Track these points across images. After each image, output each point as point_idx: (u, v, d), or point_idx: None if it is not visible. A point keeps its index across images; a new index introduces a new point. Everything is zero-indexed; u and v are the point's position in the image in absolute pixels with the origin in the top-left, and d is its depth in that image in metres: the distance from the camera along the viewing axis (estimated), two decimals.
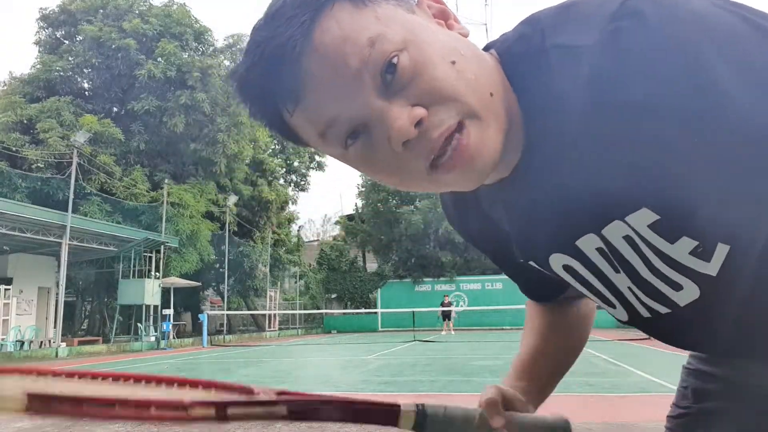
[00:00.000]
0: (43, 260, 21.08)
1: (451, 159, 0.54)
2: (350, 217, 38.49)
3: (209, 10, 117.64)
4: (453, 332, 24.34)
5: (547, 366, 0.85)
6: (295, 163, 38.15)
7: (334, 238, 40.94)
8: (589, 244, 0.60)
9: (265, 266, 32.30)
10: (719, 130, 0.47)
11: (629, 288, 0.62)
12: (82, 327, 26.32)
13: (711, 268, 0.55)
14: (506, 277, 0.90)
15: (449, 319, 25.08)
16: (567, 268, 0.65)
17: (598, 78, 0.50)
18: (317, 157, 38.84)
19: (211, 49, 28.12)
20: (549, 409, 0.74)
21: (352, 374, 9.50)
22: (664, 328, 0.67)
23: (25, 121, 23.28)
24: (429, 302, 28.97)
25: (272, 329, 29.97)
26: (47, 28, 27.53)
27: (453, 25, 0.60)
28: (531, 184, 0.60)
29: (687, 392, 0.86)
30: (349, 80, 0.52)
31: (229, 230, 27.55)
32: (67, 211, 17.84)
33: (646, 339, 16.16)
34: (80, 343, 19.27)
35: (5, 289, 17.69)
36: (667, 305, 0.61)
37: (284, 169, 37.05)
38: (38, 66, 26.02)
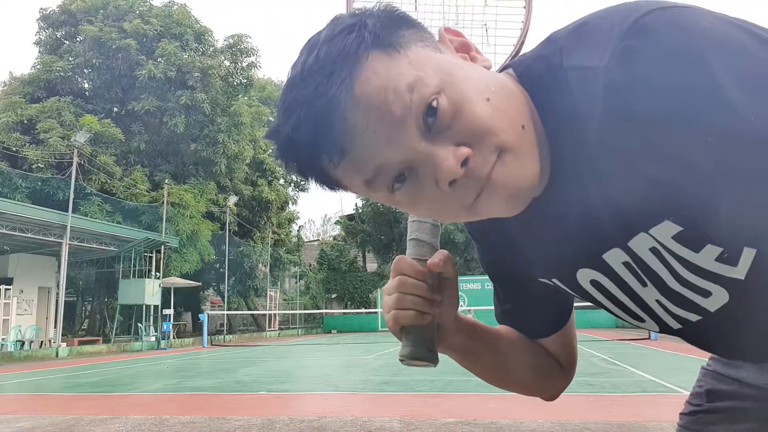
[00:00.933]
0: (44, 260, 21.08)
1: (493, 190, 0.55)
2: (350, 217, 38.50)
3: (210, 11, 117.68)
4: None
5: (493, 348, 0.80)
6: None
7: (334, 238, 40.94)
8: (615, 258, 0.61)
9: (265, 266, 32.31)
10: (727, 141, 0.48)
11: (657, 301, 0.63)
12: (83, 327, 26.34)
13: (738, 272, 0.55)
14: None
15: None
16: (594, 283, 0.66)
17: (612, 97, 0.51)
18: None
19: (212, 49, 28.12)
20: (550, 408, 0.75)
21: (352, 374, 9.51)
22: (698, 335, 0.67)
23: (26, 122, 23.30)
24: None
25: (272, 329, 29.98)
26: (48, 29, 27.54)
27: (476, 57, 0.61)
28: (559, 201, 0.61)
29: (701, 391, 0.88)
30: (394, 127, 0.53)
31: (230, 230, 27.56)
32: (67, 211, 17.86)
33: (646, 339, 16.14)
34: (80, 342, 19.29)
35: (6, 289, 17.71)
36: (697, 313, 0.62)
37: (284, 169, 37.00)
38: (38, 66, 26.04)
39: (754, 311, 0.59)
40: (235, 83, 27.65)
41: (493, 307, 0.91)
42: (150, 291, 21.16)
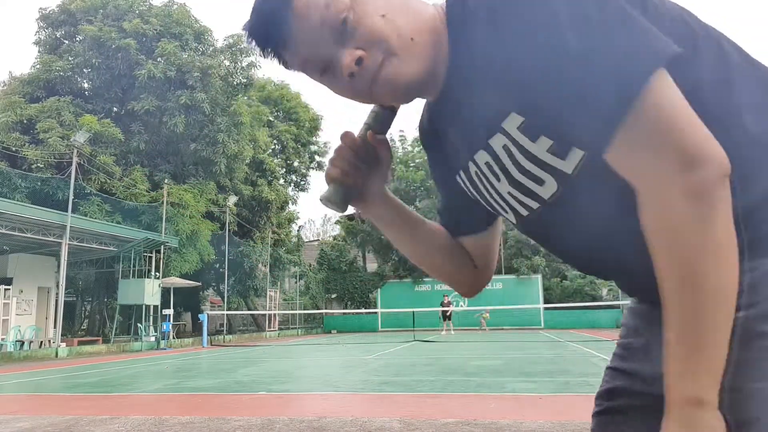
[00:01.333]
0: (43, 260, 21.07)
1: (379, 83, 0.76)
2: (350, 217, 38.46)
3: (209, 10, 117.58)
4: (453, 332, 24.36)
5: (411, 232, 1.00)
6: (295, 163, 38.12)
7: (334, 238, 40.91)
8: (481, 159, 0.80)
9: (265, 266, 32.29)
10: (555, 53, 0.63)
11: (509, 193, 0.81)
12: (82, 327, 26.32)
13: (566, 166, 0.71)
14: (506, 276, 0.93)
15: (449, 319, 25.10)
16: (477, 175, 0.84)
17: (485, 11, 0.69)
18: (317, 157, 38.82)
19: (211, 49, 28.08)
20: (551, 407, 0.75)
21: (352, 374, 9.50)
22: (542, 230, 0.84)
23: (25, 121, 23.27)
24: (429, 302, 28.94)
25: (272, 329, 29.97)
26: (47, 28, 27.50)
27: None
28: (445, 105, 0.82)
29: (602, 391, 0.92)
30: (314, 33, 0.76)
31: (229, 230, 27.55)
32: (66, 211, 17.84)
33: None
34: (80, 343, 19.27)
35: (5, 289, 17.69)
36: (535, 200, 0.78)
37: (284, 169, 37.00)
38: (38, 66, 26.00)
39: (580, 211, 0.74)
40: (234, 83, 27.61)
41: (492, 307, 0.97)
42: (150, 291, 21.14)
